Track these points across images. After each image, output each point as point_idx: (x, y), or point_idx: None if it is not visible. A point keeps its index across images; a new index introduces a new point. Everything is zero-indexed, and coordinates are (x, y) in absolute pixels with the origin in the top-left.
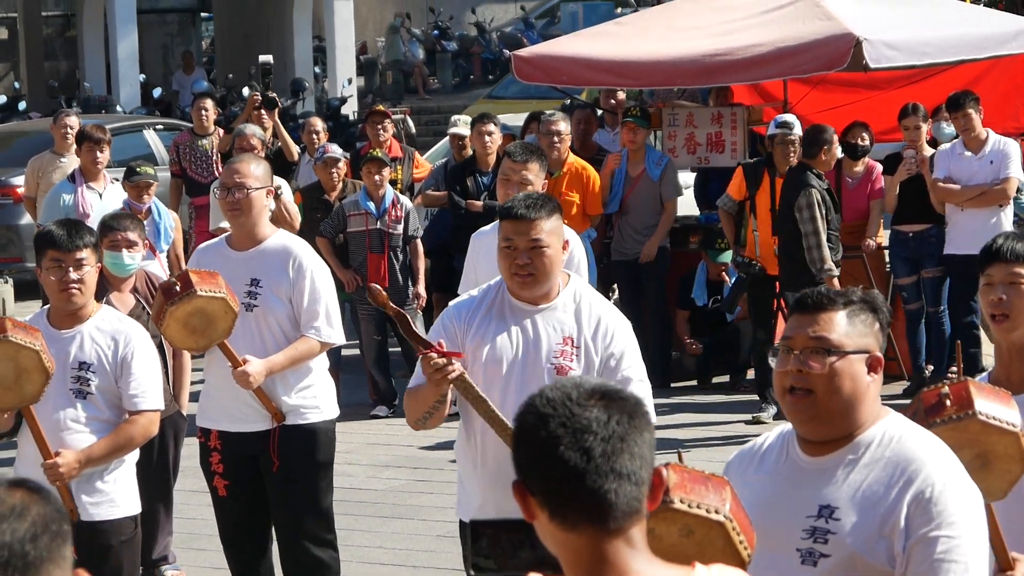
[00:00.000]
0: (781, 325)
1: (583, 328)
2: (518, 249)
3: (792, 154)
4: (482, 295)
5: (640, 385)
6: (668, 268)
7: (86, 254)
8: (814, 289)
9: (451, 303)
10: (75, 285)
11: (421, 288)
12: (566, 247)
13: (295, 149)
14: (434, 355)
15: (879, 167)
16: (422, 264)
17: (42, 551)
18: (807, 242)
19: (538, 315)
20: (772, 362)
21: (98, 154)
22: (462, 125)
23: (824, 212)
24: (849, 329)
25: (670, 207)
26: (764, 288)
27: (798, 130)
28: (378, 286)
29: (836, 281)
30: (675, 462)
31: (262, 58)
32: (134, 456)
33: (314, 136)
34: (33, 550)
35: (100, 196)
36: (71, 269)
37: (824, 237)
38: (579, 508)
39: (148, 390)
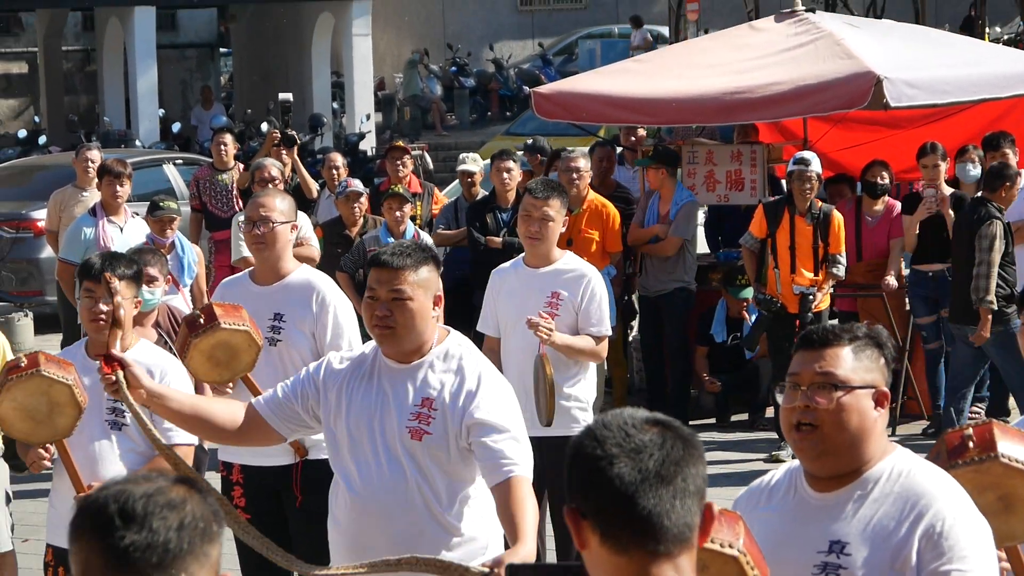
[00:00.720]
0: None
1: (445, 388)
2: (378, 300)
3: (809, 191)
4: (359, 357)
5: (517, 448)
6: (691, 306)
7: (119, 286)
8: (819, 326)
9: (331, 354)
10: (104, 316)
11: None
12: (438, 303)
13: (314, 186)
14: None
15: (899, 205)
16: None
17: (184, 544)
18: (979, 269)
19: (402, 374)
20: (779, 398)
21: (118, 188)
22: (470, 162)
23: (1001, 246)
24: (855, 364)
25: (670, 242)
26: (784, 326)
27: (816, 167)
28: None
29: (990, 316)
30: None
31: (281, 96)
32: None
33: (334, 171)
34: (176, 541)
35: (121, 230)
36: (101, 300)
37: (996, 270)
38: (631, 529)
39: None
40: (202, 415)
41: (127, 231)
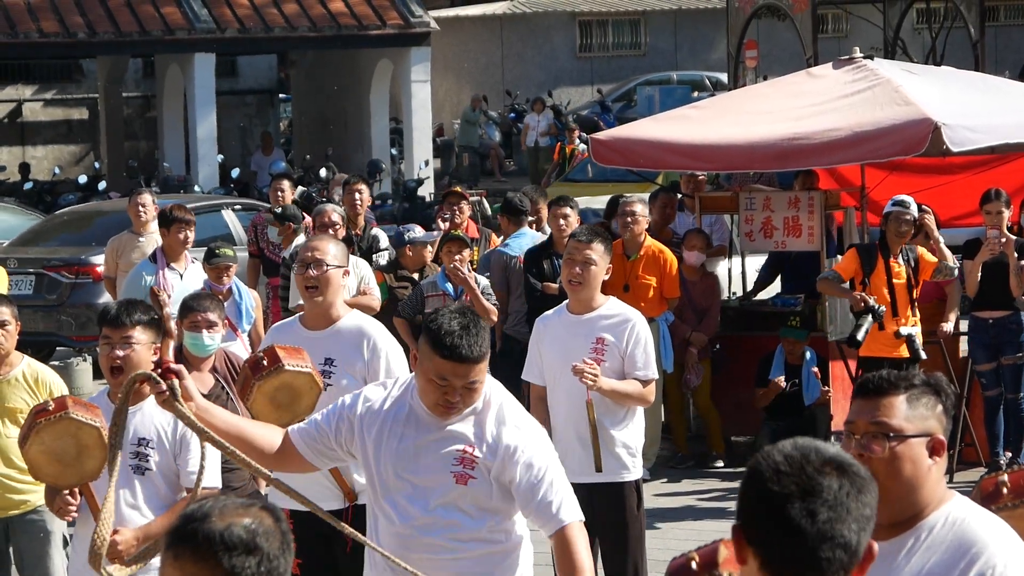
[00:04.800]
0: None
1: (486, 435)
2: (452, 388)
3: (906, 233)
4: (396, 398)
5: (560, 494)
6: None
7: (135, 332)
8: (875, 373)
9: (368, 390)
10: (118, 362)
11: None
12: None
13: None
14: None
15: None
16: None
17: (286, 566)
18: None
19: (446, 425)
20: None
21: (189, 234)
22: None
23: None
24: (910, 413)
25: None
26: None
27: (914, 210)
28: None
29: None
30: (727, 538)
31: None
32: None
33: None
34: (282, 563)
35: (181, 277)
36: (116, 346)
37: None
38: (793, 565)
39: (206, 468)
40: (243, 436)
41: (187, 278)
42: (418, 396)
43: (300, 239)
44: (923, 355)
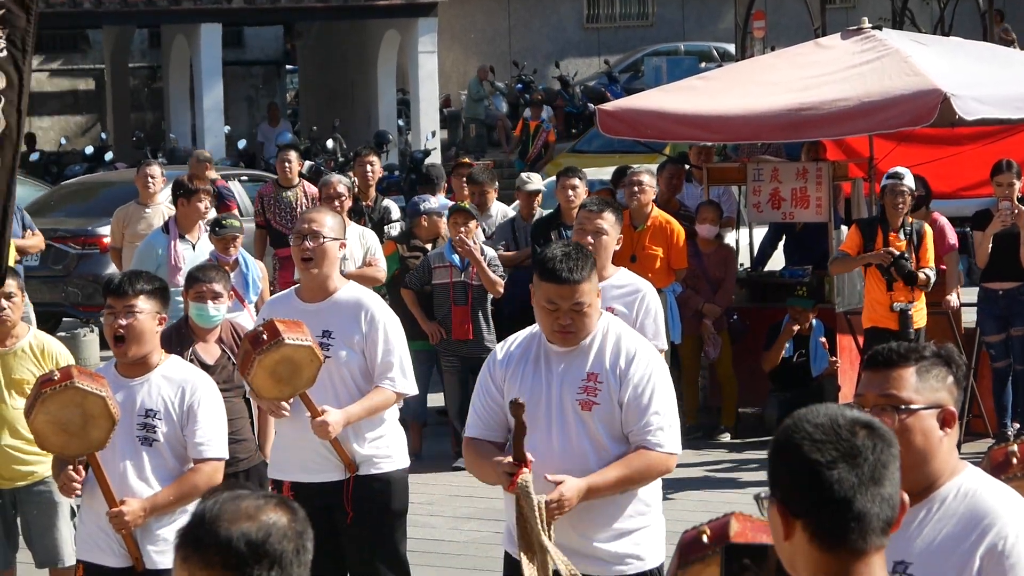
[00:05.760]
0: None
1: (606, 361)
2: (561, 310)
3: (902, 205)
4: (524, 343)
5: (663, 420)
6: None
7: (138, 301)
8: (885, 346)
9: (496, 350)
10: (121, 331)
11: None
12: (600, 294)
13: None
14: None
15: (941, 217)
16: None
17: (301, 569)
18: None
19: (568, 356)
20: None
21: (208, 204)
22: (535, 181)
23: None
24: (920, 385)
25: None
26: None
27: (910, 181)
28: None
29: None
30: (739, 511)
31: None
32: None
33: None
34: (296, 568)
35: (193, 247)
36: (120, 315)
37: None
38: (844, 529)
39: (213, 439)
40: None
41: (199, 248)
42: (541, 330)
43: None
44: (912, 333)
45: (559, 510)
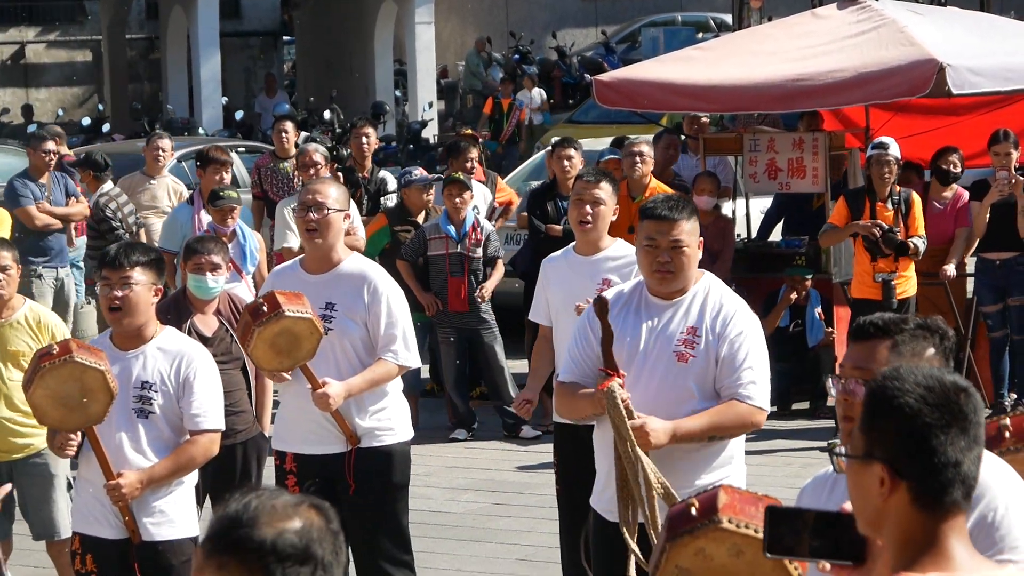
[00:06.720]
0: None
1: (705, 318)
2: (660, 247)
3: (888, 175)
4: (627, 293)
5: (755, 375)
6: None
7: (134, 273)
8: (868, 318)
9: (604, 294)
10: (116, 303)
11: (487, 286)
12: (700, 246)
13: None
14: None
15: (966, 194)
16: (497, 275)
17: (340, 570)
18: None
19: (669, 309)
20: (831, 389)
21: (224, 175)
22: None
23: None
24: (894, 359)
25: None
26: (867, 315)
27: (895, 150)
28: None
29: None
30: (725, 484)
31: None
32: (192, 478)
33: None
34: (336, 568)
35: None
36: (116, 287)
37: None
38: (949, 491)
39: (209, 410)
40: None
41: None
42: (643, 276)
43: (108, 186)
44: (895, 303)
45: (643, 440)
